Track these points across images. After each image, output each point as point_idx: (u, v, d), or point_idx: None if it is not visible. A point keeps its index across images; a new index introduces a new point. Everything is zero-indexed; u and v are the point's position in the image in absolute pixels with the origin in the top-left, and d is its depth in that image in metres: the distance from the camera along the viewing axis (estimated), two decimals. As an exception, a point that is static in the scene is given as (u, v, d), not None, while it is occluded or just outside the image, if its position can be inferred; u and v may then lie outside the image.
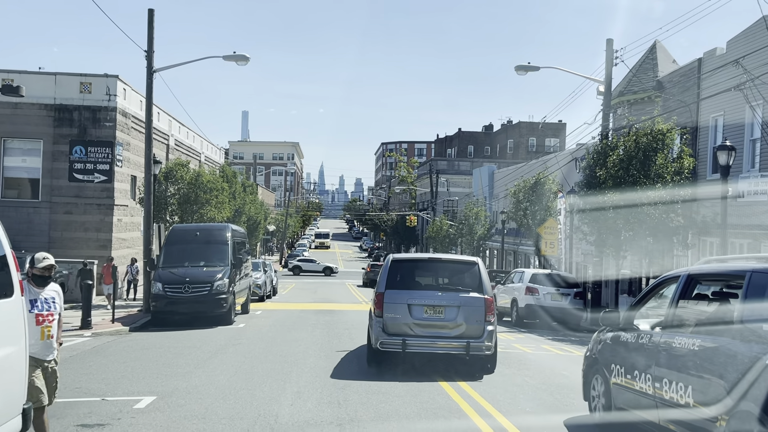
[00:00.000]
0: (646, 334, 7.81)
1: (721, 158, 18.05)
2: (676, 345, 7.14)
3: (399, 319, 12.30)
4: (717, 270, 7.50)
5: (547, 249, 31.75)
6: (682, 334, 7.16)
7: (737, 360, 6.17)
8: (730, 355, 6.28)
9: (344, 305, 31.18)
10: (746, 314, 6.32)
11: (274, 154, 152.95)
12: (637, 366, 7.80)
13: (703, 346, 6.74)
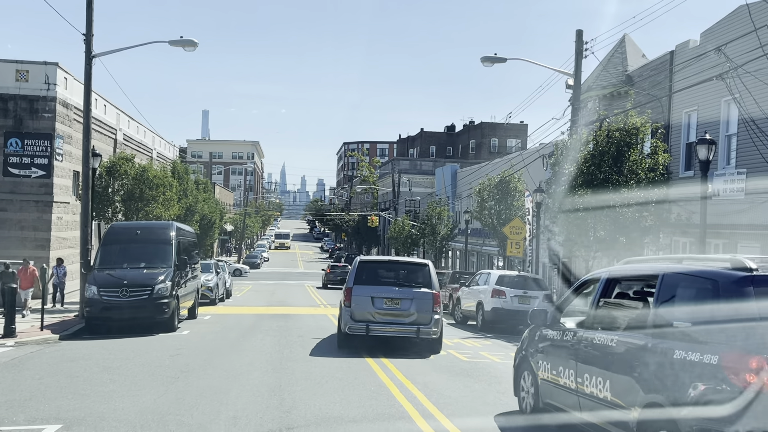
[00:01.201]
0: (570, 332, 8.21)
1: (701, 153, 16.93)
2: (596, 342, 7.53)
3: (364, 309, 15.35)
4: (634, 271, 7.81)
5: (513, 249, 30.57)
6: (601, 332, 7.58)
7: (649, 356, 6.57)
8: (642, 351, 6.68)
9: (301, 309, 29.59)
10: (658, 313, 6.71)
11: (233, 153, 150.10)
12: (562, 362, 8.18)
13: (619, 342, 7.13)
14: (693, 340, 6.18)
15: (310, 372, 12.42)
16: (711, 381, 5.80)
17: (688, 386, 6.00)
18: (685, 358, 6.12)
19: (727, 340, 5.84)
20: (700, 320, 6.28)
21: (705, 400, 5.82)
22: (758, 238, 19.37)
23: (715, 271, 6.37)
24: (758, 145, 18.30)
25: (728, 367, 5.66)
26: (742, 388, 5.52)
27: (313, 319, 24.13)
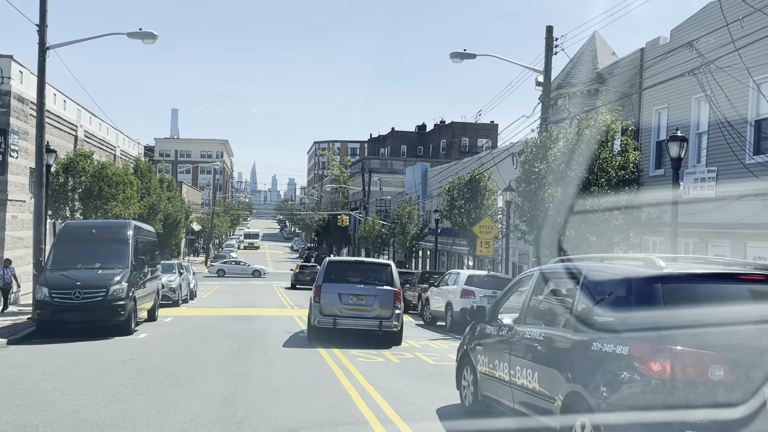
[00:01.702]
0: (505, 327, 8.65)
1: (673, 150, 16.62)
2: (527, 336, 7.95)
3: (332, 304, 16.97)
4: (561, 269, 8.13)
5: (483, 249, 30.17)
6: (531, 327, 7.99)
7: (570, 348, 6.96)
8: (565, 344, 7.09)
9: (266, 310, 28.89)
10: (579, 307, 7.14)
11: (202, 152, 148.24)
12: (498, 356, 8.62)
13: (546, 336, 7.55)
14: (608, 333, 6.55)
15: (269, 378, 11.80)
16: (623, 370, 6.15)
17: (604, 376, 6.35)
18: (600, 350, 6.50)
19: (636, 333, 6.21)
20: (615, 315, 6.69)
21: (617, 388, 6.18)
22: (728, 236, 19.15)
23: (629, 270, 6.79)
24: (729, 142, 18.06)
25: (637, 357, 6.04)
26: (649, 376, 5.92)
27: (278, 321, 23.46)
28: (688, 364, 5.80)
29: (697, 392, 5.77)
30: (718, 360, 5.78)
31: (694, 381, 5.78)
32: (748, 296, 6.41)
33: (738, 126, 18.30)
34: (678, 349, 5.84)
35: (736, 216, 18.49)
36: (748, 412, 5.68)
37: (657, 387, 5.86)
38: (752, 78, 17.31)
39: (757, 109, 18.13)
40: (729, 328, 6.09)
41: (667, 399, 5.81)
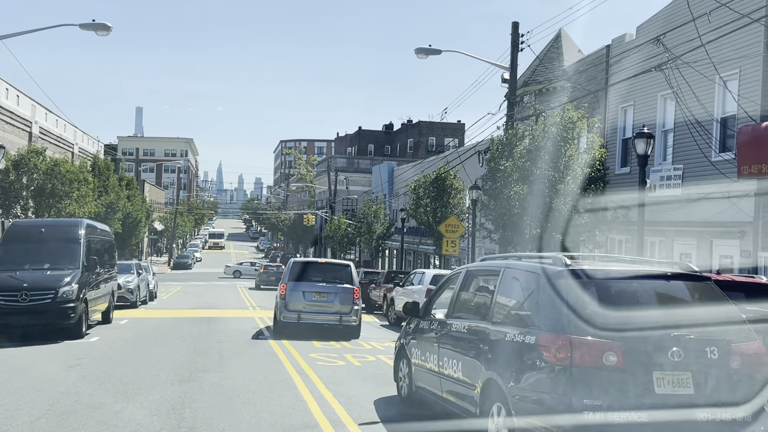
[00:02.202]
0: (435, 321, 9.16)
1: (639, 147, 16.36)
2: (453, 329, 8.50)
3: (296, 301, 18.48)
4: (485, 266, 8.78)
5: (449, 248, 29.80)
6: (457, 320, 8.55)
7: (488, 339, 7.53)
8: (484, 335, 7.66)
9: (228, 311, 28.18)
10: (498, 301, 7.74)
11: (166, 151, 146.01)
12: (429, 349, 9.12)
13: (469, 328, 8.11)
14: (520, 325, 7.15)
15: (221, 384, 11.19)
16: (531, 358, 6.70)
17: (515, 363, 6.90)
18: (513, 340, 7.05)
19: (544, 323, 6.78)
20: (526, 307, 7.31)
21: (526, 375, 6.72)
22: (694, 235, 19.00)
23: (540, 266, 7.33)
24: (697, 139, 17.88)
25: (542, 346, 6.59)
26: (553, 363, 6.45)
27: (238, 322, 22.79)
28: (586, 352, 6.36)
29: (593, 376, 6.33)
30: (611, 347, 6.37)
31: (591, 366, 6.33)
32: (645, 291, 7.07)
33: (704, 123, 18.14)
34: (577, 338, 6.42)
35: (702, 214, 18.33)
36: (639, 393, 6.33)
37: (559, 372, 6.40)
38: (719, 74, 17.14)
39: (723, 107, 17.99)
40: (623, 318, 6.69)
41: (568, 383, 6.34)
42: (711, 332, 6.70)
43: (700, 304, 7.08)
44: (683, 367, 6.44)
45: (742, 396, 6.57)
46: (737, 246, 17.36)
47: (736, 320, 7.01)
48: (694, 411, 6.32)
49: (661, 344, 6.48)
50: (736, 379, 6.60)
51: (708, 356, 6.54)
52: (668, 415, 6.26)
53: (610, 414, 6.20)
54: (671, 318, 6.80)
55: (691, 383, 6.46)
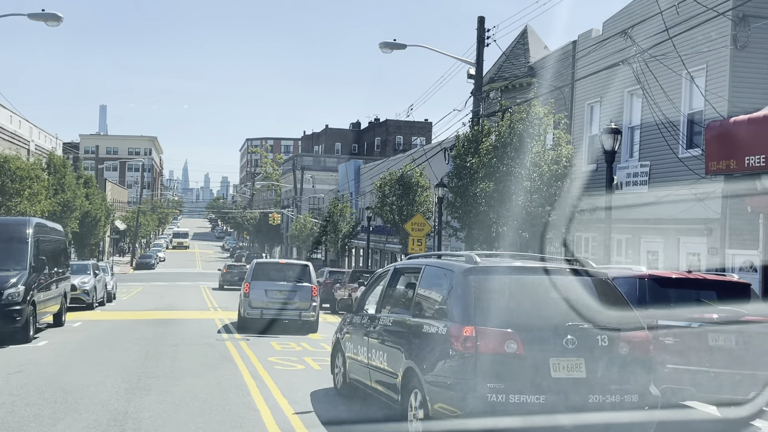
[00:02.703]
0: (366, 316, 9.72)
1: (607, 142, 16.04)
2: (380, 323, 9.05)
3: (259, 299, 19.73)
4: (409, 264, 9.47)
5: (415, 247, 29.34)
6: (384, 314, 9.12)
7: (409, 330, 8.06)
8: (405, 327, 8.19)
9: (188, 313, 27.36)
10: (418, 296, 8.35)
11: (129, 149, 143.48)
12: (360, 342, 9.65)
13: (393, 321, 8.69)
14: (436, 317, 7.76)
15: (171, 391, 10.55)
16: (442, 347, 7.28)
17: (429, 352, 7.49)
18: (428, 331, 7.65)
19: (454, 316, 7.37)
20: (441, 301, 7.94)
21: (438, 363, 7.31)
22: (661, 232, 18.79)
23: (453, 264, 7.97)
24: (665, 135, 17.63)
25: (452, 336, 7.17)
26: (461, 351, 7.05)
27: (198, 324, 22.05)
28: (489, 341, 6.99)
29: (496, 363, 6.96)
30: (512, 336, 7.02)
31: (494, 354, 6.97)
32: (545, 285, 7.68)
33: (672, 119, 17.91)
34: (481, 328, 7.05)
35: (669, 212, 18.10)
36: (537, 378, 6.97)
37: (466, 359, 7.00)
38: (686, 68, 16.91)
39: (690, 103, 17.79)
40: (524, 310, 7.48)
41: (474, 369, 6.95)
42: (603, 322, 7.38)
43: (595, 296, 7.70)
44: (577, 353, 7.12)
45: (630, 379, 7.28)
46: (704, 243, 17.16)
47: (627, 311, 7.71)
48: (586, 393, 7.05)
49: (557, 333, 7.15)
50: (625, 364, 7.29)
51: (599, 344, 7.23)
52: (563, 397, 6.99)
53: (510, 396, 6.89)
54: (567, 309, 7.43)
55: (584, 368, 7.12)
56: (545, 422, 6.83)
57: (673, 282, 9.98)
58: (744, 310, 9.41)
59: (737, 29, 16.31)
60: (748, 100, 16.01)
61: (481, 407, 6.80)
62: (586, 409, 7.00)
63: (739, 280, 10.25)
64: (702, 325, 9.22)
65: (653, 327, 9.22)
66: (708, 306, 9.40)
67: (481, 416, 6.78)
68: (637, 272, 10.09)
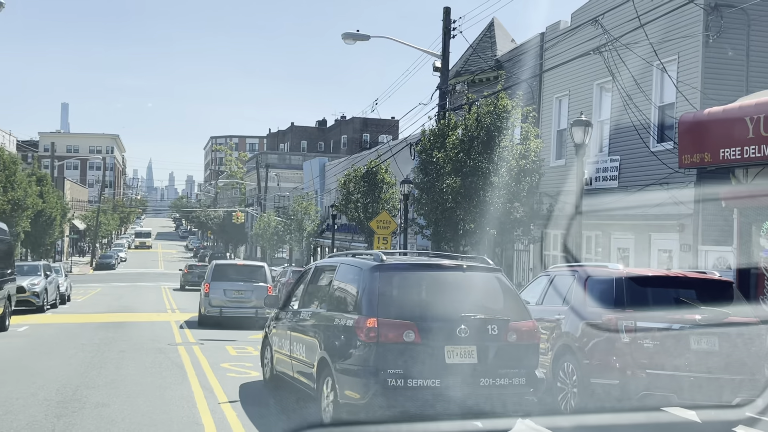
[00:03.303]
0: (290, 311, 10.36)
1: (577, 135, 15.45)
2: (300, 317, 9.65)
3: (218, 297, 20.92)
4: (328, 262, 10.08)
5: (381, 245, 28.55)
6: (305, 309, 9.67)
7: (323, 323, 8.72)
8: (320, 320, 8.87)
9: (144, 315, 26.26)
10: (332, 292, 9.00)
11: (91, 147, 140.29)
12: (284, 335, 10.22)
13: (311, 315, 9.27)
14: (346, 310, 8.31)
15: (108, 405, 9.61)
16: (349, 338, 7.88)
17: (339, 342, 8.09)
18: (339, 323, 8.25)
19: (361, 309, 7.92)
20: (350, 296, 8.46)
21: (346, 352, 7.91)
22: (632, 228, 18.28)
23: (362, 261, 8.58)
24: (636, 127, 17.09)
25: (357, 327, 7.74)
26: (365, 341, 7.63)
27: (152, 327, 21.02)
28: (390, 331, 7.61)
29: (396, 350, 7.60)
30: (410, 327, 7.65)
31: (393, 342, 7.60)
32: (443, 280, 8.33)
33: (643, 112, 17.38)
34: (383, 320, 7.67)
35: (640, 207, 17.57)
36: (432, 363, 7.63)
37: (369, 348, 7.61)
38: (658, 58, 16.38)
39: (662, 95, 17.29)
40: (422, 303, 8.14)
41: (377, 356, 7.57)
42: (493, 313, 8.09)
43: (488, 290, 8.42)
44: (469, 341, 7.76)
45: (518, 363, 7.96)
46: (677, 240, 16.66)
47: (516, 303, 8.41)
48: (478, 377, 7.74)
49: (451, 323, 7.78)
50: (513, 350, 7.97)
51: (489, 332, 7.89)
52: (457, 380, 7.64)
53: (409, 380, 7.53)
54: (462, 302, 8.09)
55: (475, 354, 7.79)
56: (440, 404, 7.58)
57: (652, 281, 9.37)
58: (727, 310, 8.81)
59: (709, 18, 15.84)
60: (722, 92, 15.55)
61: (382, 391, 7.47)
62: (478, 391, 7.71)
63: (721, 278, 9.66)
64: (684, 327, 8.59)
65: (631, 329, 8.59)
66: (689, 306, 8.78)
67: (382, 399, 7.47)
68: (613, 270, 9.45)
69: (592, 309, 9.18)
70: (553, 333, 9.82)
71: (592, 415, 8.80)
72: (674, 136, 16.03)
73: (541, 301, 10.63)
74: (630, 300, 8.83)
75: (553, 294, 10.39)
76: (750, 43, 16.08)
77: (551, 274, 10.84)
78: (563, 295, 9.99)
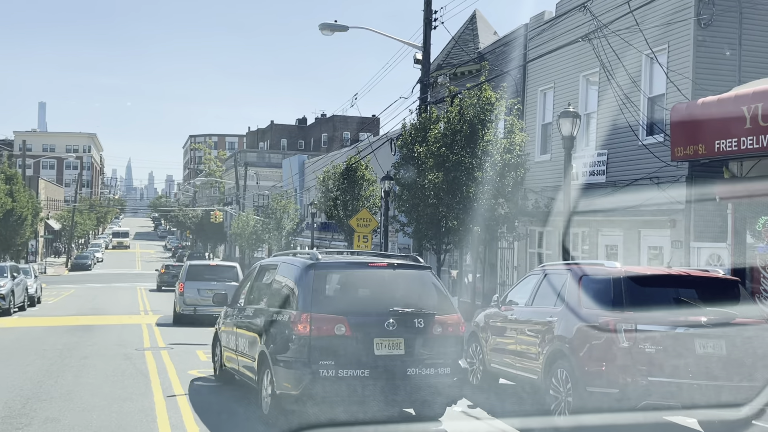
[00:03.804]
0: (237, 308, 10.80)
1: (565, 127, 14.77)
2: (245, 313, 10.27)
3: (192, 296, 21.91)
4: (271, 261, 10.75)
5: (361, 243, 27.77)
6: (249, 306, 10.29)
7: (264, 319, 9.24)
8: (261, 315, 9.46)
9: (115, 318, 25.28)
10: (273, 289, 9.66)
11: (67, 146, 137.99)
12: (231, 331, 10.68)
13: (254, 311, 9.88)
14: (284, 306, 8.74)
15: (59, 419, 8.74)
16: (286, 332, 8.36)
17: (277, 336, 8.55)
18: (277, 319, 8.69)
19: (297, 305, 8.37)
20: (288, 292, 8.90)
21: (283, 346, 8.37)
22: (621, 224, 17.64)
23: (299, 260, 9.08)
24: (626, 118, 16.44)
25: (293, 322, 8.24)
26: (299, 334, 8.15)
27: (120, 331, 20.08)
28: (322, 325, 8.06)
29: (328, 343, 8.06)
30: (341, 321, 8.08)
31: (326, 336, 8.05)
32: (374, 277, 8.83)
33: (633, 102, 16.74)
34: (316, 315, 8.10)
35: (629, 203, 16.91)
36: (362, 355, 8.09)
37: (303, 341, 8.07)
38: (649, 47, 15.72)
39: (652, 85, 16.66)
40: (353, 298, 8.68)
41: (310, 349, 8.03)
42: (420, 307, 8.51)
43: (417, 287, 8.88)
44: (397, 334, 8.23)
45: (443, 354, 8.42)
46: (668, 236, 16.04)
47: (442, 298, 8.84)
48: (405, 366, 8.22)
49: (380, 317, 8.23)
50: (439, 342, 8.43)
51: (416, 326, 8.34)
52: (385, 370, 8.12)
53: (340, 371, 7.97)
54: (391, 297, 8.57)
55: (403, 346, 8.26)
56: (370, 393, 8.05)
57: (653, 280, 8.67)
58: (734, 310, 8.12)
59: (701, 5, 15.22)
60: (714, 82, 14.93)
61: (314, 381, 7.91)
62: (406, 380, 8.18)
63: (727, 277, 8.99)
64: (688, 329, 7.89)
65: (631, 332, 7.88)
66: (693, 307, 8.08)
67: (314, 389, 7.91)
68: (610, 268, 8.72)
69: (588, 310, 8.47)
70: (545, 336, 9.10)
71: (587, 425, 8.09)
72: (665, 128, 15.40)
73: (531, 301, 9.91)
74: (629, 300, 8.12)
75: (545, 294, 9.67)
76: (742, 32, 15.49)
77: (542, 273, 10.12)
78: (556, 296, 9.26)
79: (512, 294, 10.77)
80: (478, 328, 11.26)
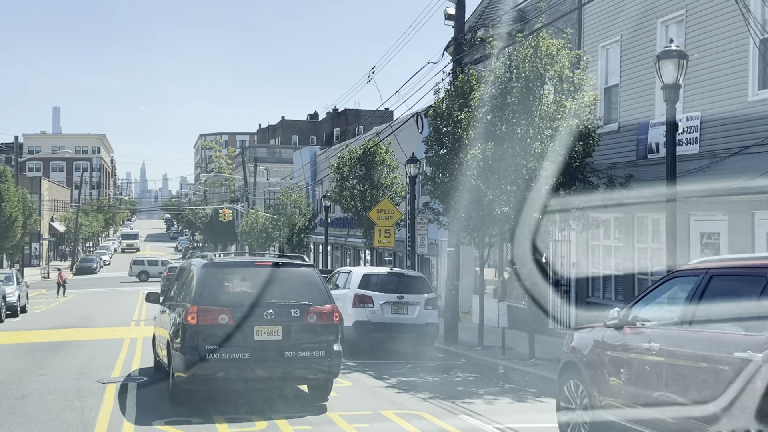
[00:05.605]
0: (166, 303, 11.80)
1: (667, 73, 10.90)
2: (165, 309, 11.47)
3: None
4: (185, 262, 12.31)
5: (382, 239, 24.01)
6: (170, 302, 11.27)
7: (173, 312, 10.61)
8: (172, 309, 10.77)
9: (100, 331, 21.88)
10: (182, 286, 10.93)
11: (77, 148, 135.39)
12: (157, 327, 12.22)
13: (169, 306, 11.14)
14: (183, 300, 10.22)
15: None
16: (181, 323, 9.70)
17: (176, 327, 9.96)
18: (177, 311, 10.17)
19: (191, 298, 9.80)
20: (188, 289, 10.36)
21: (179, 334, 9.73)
22: (723, 206, 13.73)
23: (198, 261, 10.78)
24: (726, 62, 12.48)
25: (186, 314, 9.63)
26: (189, 323, 9.52)
27: (95, 351, 16.45)
28: (208, 315, 9.56)
29: (213, 331, 9.54)
30: (224, 311, 9.62)
31: (211, 324, 9.55)
32: (257, 274, 10.45)
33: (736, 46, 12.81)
34: (203, 306, 9.60)
35: (735, 178, 12.98)
36: (244, 340, 9.57)
37: (192, 329, 9.51)
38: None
39: (765, 19, 12.71)
40: (237, 292, 10.48)
41: (197, 336, 9.50)
42: (297, 299, 10.04)
43: (298, 282, 10.39)
44: (275, 322, 9.72)
45: (318, 339, 9.88)
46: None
47: (320, 291, 10.24)
48: (282, 350, 9.68)
49: (259, 308, 9.74)
50: (313, 329, 9.91)
51: (292, 315, 9.86)
52: (264, 353, 9.61)
53: (224, 354, 9.43)
54: (272, 291, 10.02)
55: (280, 333, 9.75)
56: (250, 372, 9.66)
57: None
58: None
59: None
60: None
61: (201, 364, 9.34)
62: (283, 361, 9.70)
63: None
64: None
65: None
66: None
67: (202, 370, 9.36)
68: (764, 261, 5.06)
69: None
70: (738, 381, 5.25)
71: None
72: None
73: (689, 320, 6.06)
74: None
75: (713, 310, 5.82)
76: None
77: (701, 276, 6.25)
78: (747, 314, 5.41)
79: (641, 308, 6.93)
80: (581, 358, 7.45)
